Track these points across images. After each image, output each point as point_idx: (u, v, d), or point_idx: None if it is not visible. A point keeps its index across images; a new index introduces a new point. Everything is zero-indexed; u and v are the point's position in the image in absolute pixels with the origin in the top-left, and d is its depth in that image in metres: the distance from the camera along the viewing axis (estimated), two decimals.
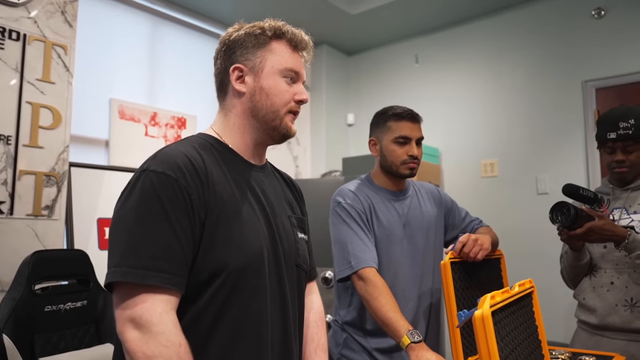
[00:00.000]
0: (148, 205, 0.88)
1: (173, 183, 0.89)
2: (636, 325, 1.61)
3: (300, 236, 1.15)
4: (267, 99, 1.05)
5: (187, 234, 0.89)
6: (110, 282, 0.87)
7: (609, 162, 1.74)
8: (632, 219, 1.69)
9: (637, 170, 1.72)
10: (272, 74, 1.05)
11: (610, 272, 1.70)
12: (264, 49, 1.06)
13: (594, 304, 1.70)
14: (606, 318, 1.66)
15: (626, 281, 1.65)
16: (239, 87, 1.05)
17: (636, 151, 1.69)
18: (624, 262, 1.66)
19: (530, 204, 3.30)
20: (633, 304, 1.63)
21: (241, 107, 1.06)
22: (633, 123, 1.66)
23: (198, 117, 3.42)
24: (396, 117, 1.67)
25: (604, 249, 1.72)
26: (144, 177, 0.91)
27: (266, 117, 1.06)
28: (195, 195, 0.91)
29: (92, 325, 1.94)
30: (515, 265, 2.59)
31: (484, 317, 0.91)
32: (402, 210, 1.69)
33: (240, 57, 1.06)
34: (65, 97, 2.38)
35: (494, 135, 3.54)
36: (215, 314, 0.92)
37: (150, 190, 0.89)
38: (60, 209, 2.34)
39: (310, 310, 1.23)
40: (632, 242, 1.54)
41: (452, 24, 3.80)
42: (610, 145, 1.71)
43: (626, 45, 3.03)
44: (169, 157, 0.93)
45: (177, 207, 0.89)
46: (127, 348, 0.83)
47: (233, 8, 3.50)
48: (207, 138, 1.06)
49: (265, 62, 1.05)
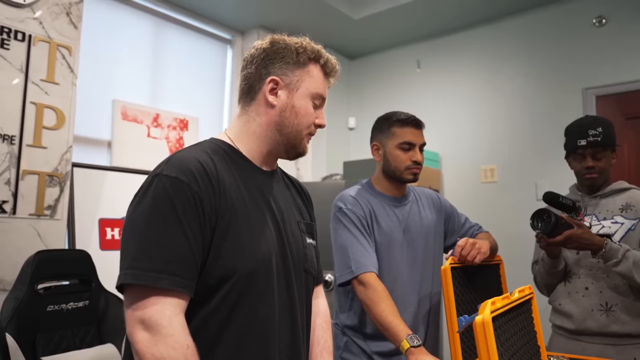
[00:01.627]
0: (160, 209, 0.89)
1: (185, 188, 0.91)
2: (612, 329, 1.65)
3: (309, 242, 1.17)
4: (295, 118, 1.07)
5: (197, 239, 0.90)
6: (122, 284, 0.88)
7: (579, 169, 1.80)
8: (603, 225, 1.75)
9: (605, 176, 1.79)
10: (305, 95, 1.08)
11: (584, 277, 1.74)
12: (302, 69, 1.08)
13: (570, 310, 1.74)
14: (583, 323, 1.70)
15: (600, 286, 1.70)
16: (272, 99, 1.07)
17: (605, 158, 1.76)
18: (598, 267, 1.71)
19: (529, 210, 3.24)
20: (608, 308, 1.67)
21: (267, 119, 1.08)
22: (601, 131, 1.73)
23: (200, 119, 3.44)
24: (400, 123, 1.68)
25: (577, 255, 1.77)
26: (157, 181, 0.92)
27: (290, 135, 1.08)
28: (207, 201, 0.93)
29: (93, 326, 1.94)
30: (514, 271, 2.60)
31: (484, 323, 0.93)
32: (402, 215, 1.70)
33: (279, 70, 1.07)
34: (69, 97, 2.39)
35: (494, 141, 3.56)
36: (223, 318, 0.94)
37: (163, 195, 0.90)
38: (63, 209, 2.35)
39: (317, 314, 1.24)
40: (608, 251, 1.59)
41: (454, 30, 3.82)
42: (581, 153, 1.77)
43: (627, 53, 3.05)
44: (182, 162, 0.95)
45: (188, 211, 0.90)
46: (137, 349, 0.84)
47: (236, 11, 3.51)
48: (219, 143, 1.07)
49: (302, 82, 1.08)
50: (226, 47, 3.79)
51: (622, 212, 1.73)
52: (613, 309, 1.67)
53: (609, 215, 1.75)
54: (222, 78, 3.75)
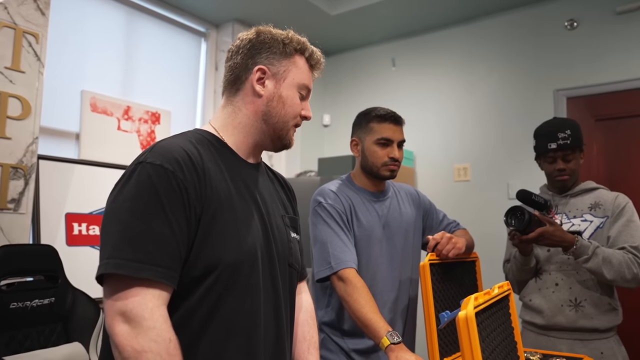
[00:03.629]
0: (144, 197, 0.86)
1: (170, 176, 0.88)
2: (581, 324, 1.71)
3: (293, 236, 1.16)
4: (282, 108, 1.07)
5: (182, 228, 0.88)
6: (102, 274, 0.84)
7: (551, 172, 1.86)
8: (573, 223, 1.81)
9: (575, 177, 1.85)
10: (292, 86, 1.08)
11: (555, 273, 1.79)
12: (289, 59, 1.08)
13: (540, 305, 1.78)
14: (553, 318, 1.75)
15: (570, 282, 1.75)
16: (259, 89, 1.06)
17: (574, 159, 1.82)
18: (568, 263, 1.77)
19: (501, 208, 3.31)
20: (577, 303, 1.72)
21: (254, 108, 1.07)
22: (570, 133, 1.78)
23: (173, 112, 3.36)
24: (379, 119, 1.67)
25: (548, 252, 1.82)
26: (141, 169, 0.89)
27: (277, 125, 1.08)
28: (192, 190, 0.90)
29: (59, 323, 1.88)
30: (486, 268, 2.63)
31: (468, 318, 0.92)
32: (381, 211, 1.69)
33: (265, 60, 1.07)
34: (36, 87, 2.30)
35: (467, 140, 3.60)
36: (207, 312, 0.91)
37: (146, 183, 0.87)
38: (28, 203, 2.25)
39: (301, 309, 1.23)
40: (579, 248, 1.64)
41: (429, 29, 3.84)
42: (552, 155, 1.82)
43: (597, 57, 3.12)
44: (167, 150, 0.92)
45: (173, 200, 0.87)
46: (116, 342, 0.81)
47: (211, 4, 3.44)
48: (204, 134, 1.05)
49: (289, 72, 1.08)
50: (200, 40, 3.71)
51: (591, 211, 1.79)
52: (582, 304, 1.71)
53: (578, 213, 1.81)
54: (196, 71, 3.68)
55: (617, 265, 1.61)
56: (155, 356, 0.79)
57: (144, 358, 0.79)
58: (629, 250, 1.66)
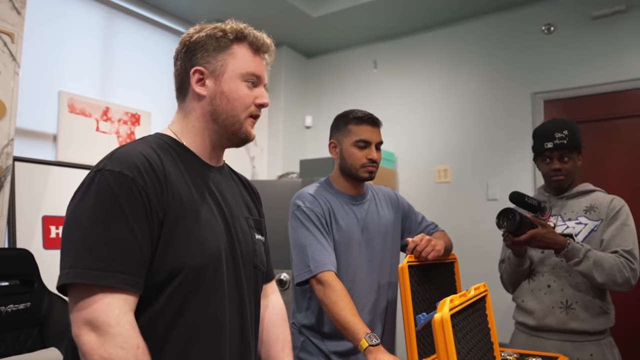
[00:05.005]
0: (104, 205, 0.85)
1: (130, 183, 0.87)
2: (570, 326, 1.71)
3: (258, 237, 1.15)
4: (227, 103, 1.05)
5: (145, 234, 0.87)
6: (64, 284, 0.83)
7: (547, 171, 1.85)
8: (567, 225, 1.80)
9: (572, 178, 1.84)
10: (233, 78, 1.05)
11: (547, 275, 1.80)
12: (225, 52, 1.05)
13: (532, 306, 1.80)
14: (543, 320, 1.76)
15: (562, 284, 1.76)
16: (200, 90, 1.04)
17: (571, 160, 1.81)
18: (561, 266, 1.77)
19: (480, 209, 3.40)
20: (568, 305, 1.73)
21: (201, 110, 1.06)
22: (567, 134, 1.78)
23: (153, 113, 3.33)
24: (357, 121, 1.68)
25: (542, 254, 1.82)
26: (100, 176, 0.88)
27: (226, 121, 1.06)
28: (153, 195, 0.90)
29: (35, 329, 1.84)
30: (466, 269, 2.66)
31: (443, 321, 0.93)
32: (360, 214, 1.70)
33: (201, 60, 1.05)
34: (11, 87, 2.25)
35: (448, 142, 3.64)
36: (172, 316, 0.91)
37: (106, 190, 0.86)
38: (2, 206, 2.21)
39: (272, 310, 1.23)
40: (571, 251, 1.64)
41: (410, 32, 3.88)
42: (548, 155, 1.82)
43: (573, 60, 3.18)
44: (126, 156, 0.91)
45: (134, 207, 0.87)
46: (83, 351, 0.80)
47: (192, 5, 3.43)
48: (164, 138, 1.04)
49: (227, 66, 1.05)
50: None
51: (586, 213, 1.79)
52: (573, 307, 1.72)
53: (573, 216, 1.81)
54: None
55: (609, 268, 1.61)
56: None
57: None
58: (621, 254, 1.65)
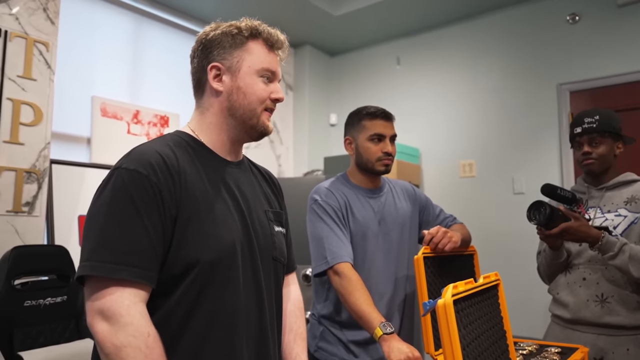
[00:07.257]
0: (119, 201, 0.91)
1: (144, 180, 0.92)
2: (605, 320, 1.67)
3: (277, 229, 1.17)
4: (244, 98, 1.07)
5: (157, 230, 0.91)
6: (80, 276, 0.90)
7: (578, 157, 1.81)
8: (606, 217, 1.75)
9: (605, 164, 1.78)
10: (249, 74, 1.08)
11: (583, 268, 1.76)
12: (240, 49, 1.08)
13: (567, 299, 1.77)
14: (578, 313, 1.73)
15: (598, 278, 1.72)
16: (217, 86, 1.08)
17: (603, 144, 1.76)
18: (597, 259, 1.72)
19: (506, 203, 3.38)
20: (603, 299, 1.69)
21: (218, 106, 1.09)
22: (598, 119, 1.75)
23: (181, 115, 3.43)
24: (370, 116, 1.72)
25: (579, 247, 1.78)
26: (117, 174, 0.93)
27: (244, 115, 1.08)
28: (167, 192, 0.94)
29: (72, 321, 1.95)
30: (492, 263, 2.66)
31: (445, 306, 0.96)
32: (377, 206, 1.74)
33: (218, 57, 1.08)
34: (47, 94, 2.39)
35: (472, 136, 3.62)
36: (188, 308, 0.95)
37: (121, 188, 0.91)
38: (41, 206, 2.34)
39: (288, 300, 1.25)
40: (605, 244, 1.60)
41: (432, 26, 3.87)
42: (578, 140, 1.79)
43: (599, 50, 3.12)
44: (142, 155, 0.96)
45: (147, 203, 0.91)
46: (97, 339, 0.86)
47: (216, 7, 3.52)
48: (182, 135, 1.08)
49: (243, 62, 1.07)
50: None
51: (626, 205, 1.72)
52: (608, 301, 1.68)
53: (613, 208, 1.75)
54: None
55: None
56: (134, 350, 0.84)
57: (123, 353, 0.83)
58: None
